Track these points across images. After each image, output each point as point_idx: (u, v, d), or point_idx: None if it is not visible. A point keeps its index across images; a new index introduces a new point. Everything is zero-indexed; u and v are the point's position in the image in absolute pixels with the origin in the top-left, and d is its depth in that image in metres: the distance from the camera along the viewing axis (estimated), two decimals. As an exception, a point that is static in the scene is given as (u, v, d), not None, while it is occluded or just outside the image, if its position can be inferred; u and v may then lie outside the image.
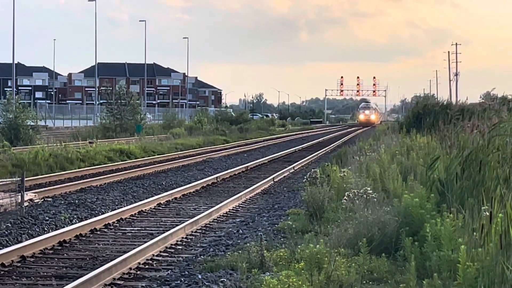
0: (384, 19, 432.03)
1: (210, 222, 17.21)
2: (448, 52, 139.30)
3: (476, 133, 15.28)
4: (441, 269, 8.91)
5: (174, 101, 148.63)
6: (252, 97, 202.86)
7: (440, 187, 13.09)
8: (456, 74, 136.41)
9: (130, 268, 12.02)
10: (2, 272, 11.92)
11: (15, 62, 69.05)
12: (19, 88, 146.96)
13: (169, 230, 15.16)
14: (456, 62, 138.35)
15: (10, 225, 16.17)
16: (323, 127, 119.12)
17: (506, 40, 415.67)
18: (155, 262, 12.82)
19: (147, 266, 12.47)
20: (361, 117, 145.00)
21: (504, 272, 7.68)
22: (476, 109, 35.01)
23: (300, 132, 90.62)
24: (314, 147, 51.29)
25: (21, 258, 12.78)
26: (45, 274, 11.95)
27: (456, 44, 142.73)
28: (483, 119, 22.48)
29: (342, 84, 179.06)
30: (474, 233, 9.22)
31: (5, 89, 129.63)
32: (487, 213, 8.84)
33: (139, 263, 12.46)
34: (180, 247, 14.25)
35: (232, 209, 19.42)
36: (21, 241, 14.27)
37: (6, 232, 15.30)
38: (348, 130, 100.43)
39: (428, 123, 32.86)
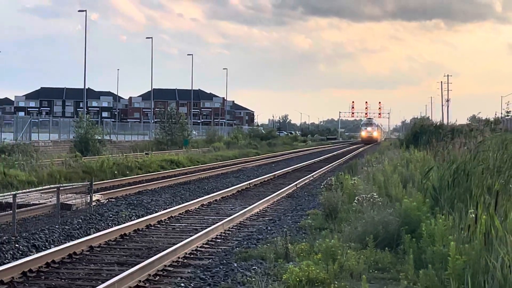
0: (388, 55, 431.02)
1: (244, 220, 17.22)
2: (441, 82, 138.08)
3: (464, 149, 15.19)
4: (435, 261, 8.86)
5: (215, 120, 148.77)
6: (279, 118, 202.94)
7: (434, 194, 13.01)
8: (448, 100, 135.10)
9: (179, 257, 12.05)
10: (74, 259, 12.02)
11: (86, 87, 69.45)
12: (89, 109, 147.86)
13: (210, 226, 15.18)
14: (448, 90, 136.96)
15: (80, 220, 16.30)
16: (337, 143, 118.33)
17: (488, 72, 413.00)
18: (199, 252, 12.84)
19: (192, 256, 12.49)
20: (363, 134, 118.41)
21: (487, 264, 7.63)
22: (464, 129, 34.80)
23: (318, 147, 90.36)
24: (330, 159, 51.13)
25: (89, 248, 12.87)
26: (109, 261, 12.03)
27: (448, 75, 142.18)
28: (470, 137, 22.35)
29: (353, 107, 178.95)
30: (462, 232, 9.16)
31: (78, 109, 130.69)
32: (473, 216, 8.79)
33: (186, 253, 12.48)
34: (219, 240, 14.26)
35: (262, 210, 19.42)
36: (89, 234, 14.37)
37: (78, 227, 15.43)
38: (357, 145, 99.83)
39: (424, 140, 32.72)
